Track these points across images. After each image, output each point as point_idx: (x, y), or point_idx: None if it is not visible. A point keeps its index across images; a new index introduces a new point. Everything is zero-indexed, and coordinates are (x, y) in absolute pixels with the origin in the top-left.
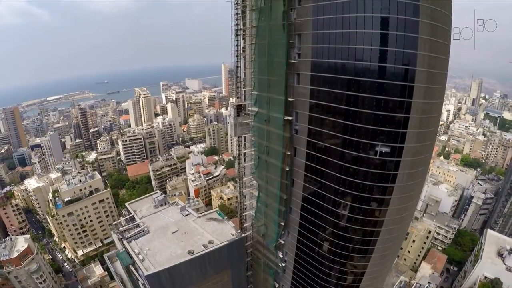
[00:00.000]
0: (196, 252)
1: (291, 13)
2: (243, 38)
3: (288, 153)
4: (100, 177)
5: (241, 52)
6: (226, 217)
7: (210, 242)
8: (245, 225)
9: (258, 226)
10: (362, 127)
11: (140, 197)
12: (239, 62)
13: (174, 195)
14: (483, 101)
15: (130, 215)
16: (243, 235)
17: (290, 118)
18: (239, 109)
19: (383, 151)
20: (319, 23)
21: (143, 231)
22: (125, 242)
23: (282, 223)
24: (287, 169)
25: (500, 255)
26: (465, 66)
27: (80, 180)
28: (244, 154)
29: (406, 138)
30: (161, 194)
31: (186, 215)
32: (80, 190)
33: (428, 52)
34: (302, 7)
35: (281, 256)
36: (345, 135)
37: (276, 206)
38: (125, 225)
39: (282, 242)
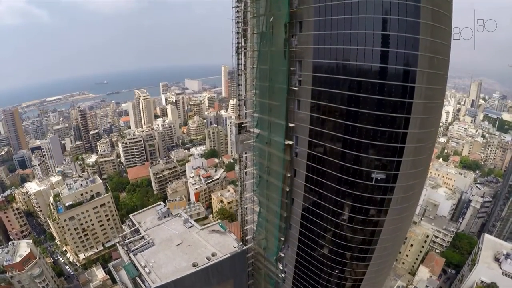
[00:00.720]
0: (200, 265)
1: (292, 39)
2: (244, 55)
3: (289, 175)
4: (101, 181)
5: (242, 69)
6: (228, 229)
7: (213, 255)
8: (246, 237)
9: (259, 240)
10: (360, 156)
11: (144, 209)
12: (240, 81)
13: (175, 199)
14: (483, 101)
15: (135, 227)
16: (244, 247)
17: (290, 142)
18: (240, 127)
19: (379, 178)
20: (320, 52)
21: (148, 243)
22: (131, 254)
23: (282, 238)
24: (287, 189)
25: (496, 259)
26: (464, 66)
27: (81, 185)
28: (245, 172)
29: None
30: (164, 206)
31: (189, 227)
32: (82, 194)
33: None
34: (303, 34)
35: (281, 267)
36: (343, 161)
37: (276, 222)
38: (130, 237)
39: (282, 255)
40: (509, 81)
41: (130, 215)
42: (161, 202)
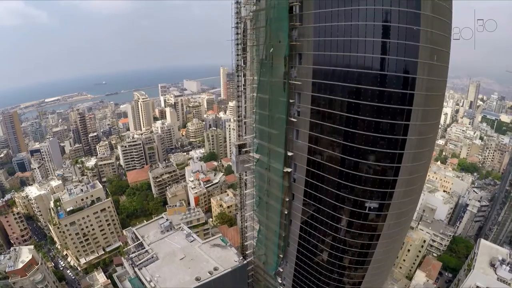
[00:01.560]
0: (203, 279)
1: (291, 71)
2: (243, 75)
3: (287, 199)
4: (101, 186)
5: (242, 89)
6: (229, 243)
7: (215, 269)
8: (246, 252)
9: (259, 254)
10: (355, 187)
11: (146, 222)
12: (240, 102)
13: (175, 205)
14: (481, 102)
15: (139, 242)
16: (245, 261)
17: (289, 170)
18: (241, 148)
19: (372, 207)
20: (319, 86)
21: (152, 257)
22: (136, 269)
23: (281, 255)
24: (286, 212)
25: (492, 265)
26: (463, 65)
27: (82, 190)
28: (245, 185)
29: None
30: (166, 219)
31: (192, 241)
32: (82, 199)
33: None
34: (302, 66)
35: (280, 281)
36: (339, 191)
37: (275, 241)
38: (135, 251)
39: (281, 270)
40: (507, 81)
41: (133, 229)
42: (163, 215)
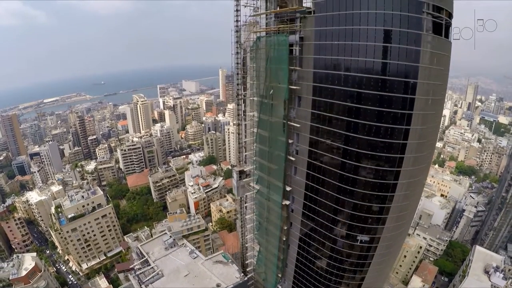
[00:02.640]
0: None
1: (291, 111)
2: (243, 102)
3: (285, 228)
4: (101, 192)
5: (242, 115)
6: (230, 260)
7: (218, 285)
8: (247, 269)
9: (259, 272)
10: (348, 223)
11: (150, 239)
12: (240, 130)
13: (176, 212)
14: (479, 103)
15: (144, 258)
16: (246, 278)
17: (287, 202)
18: (241, 173)
19: (363, 240)
20: (317, 130)
21: (158, 274)
22: (143, 286)
23: (280, 275)
24: (284, 238)
25: (486, 272)
26: (462, 65)
27: (83, 196)
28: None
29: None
30: (170, 236)
31: (195, 257)
32: (83, 206)
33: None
34: (301, 109)
35: None
36: (334, 225)
37: (274, 261)
38: (141, 267)
39: (280, 287)
40: (506, 80)
41: (139, 245)
42: (167, 232)
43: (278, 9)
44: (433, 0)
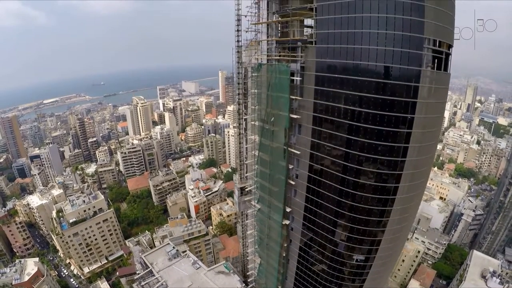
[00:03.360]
0: None
1: (291, 138)
2: (245, 120)
3: (285, 245)
4: (102, 197)
5: (243, 132)
6: (232, 270)
7: None
8: (249, 280)
9: (260, 283)
10: (344, 244)
11: (154, 249)
12: (242, 148)
13: (176, 217)
14: (479, 104)
15: (149, 269)
16: None
17: (287, 222)
18: (242, 190)
19: (359, 259)
20: (316, 157)
21: (162, 284)
22: None
23: (280, 287)
24: (284, 254)
25: (483, 276)
26: (461, 64)
27: (84, 201)
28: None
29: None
30: (173, 247)
31: (198, 268)
32: (84, 211)
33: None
34: (302, 136)
35: None
36: (331, 245)
37: (275, 274)
38: (146, 278)
39: None
40: (505, 80)
41: (142, 256)
42: (169, 242)
43: (279, 36)
44: (435, 35)
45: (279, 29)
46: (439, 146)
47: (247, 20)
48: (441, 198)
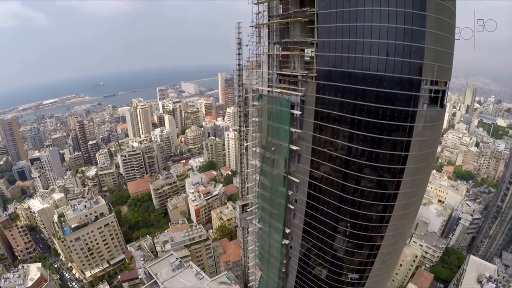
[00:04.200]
0: None
1: (291, 166)
2: (246, 139)
3: (285, 261)
4: (104, 202)
5: (244, 151)
6: (234, 281)
7: None
8: None
9: None
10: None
11: (157, 260)
12: (243, 168)
13: (178, 222)
14: (478, 105)
15: (153, 280)
16: None
17: (286, 242)
18: (244, 207)
19: (353, 278)
20: (314, 186)
21: None
22: None
23: None
24: (283, 270)
25: (479, 282)
26: (460, 65)
27: (85, 206)
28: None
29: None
30: (176, 258)
31: (200, 279)
32: (86, 216)
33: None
34: (301, 166)
35: None
36: (327, 265)
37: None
38: None
39: None
40: (504, 80)
41: (147, 266)
42: (173, 253)
43: (280, 66)
44: (433, 76)
45: (281, 63)
46: (438, 148)
47: (248, 49)
48: (439, 201)
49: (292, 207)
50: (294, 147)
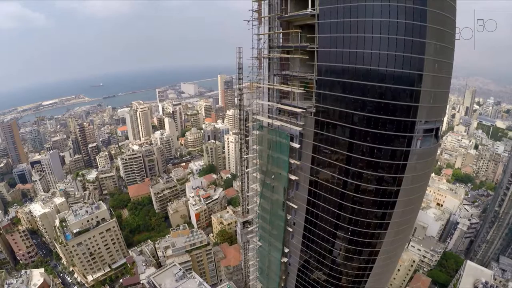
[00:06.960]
0: None
1: (290, 193)
2: (246, 162)
3: (284, 277)
4: (105, 207)
5: (245, 171)
6: None
7: None
8: None
9: None
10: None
11: (161, 270)
12: (244, 185)
13: (178, 227)
14: (477, 107)
15: None
16: None
17: (285, 260)
18: (245, 223)
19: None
20: (311, 211)
21: None
22: None
23: None
24: (283, 284)
25: (475, 287)
26: (460, 64)
27: (87, 211)
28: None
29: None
30: (179, 269)
31: None
32: (88, 221)
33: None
34: (299, 193)
35: None
36: (323, 283)
37: None
38: None
39: None
40: (503, 80)
41: (151, 277)
42: (176, 263)
43: (280, 98)
44: (428, 116)
45: (280, 96)
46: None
47: (247, 77)
48: (438, 204)
49: (290, 229)
50: (293, 177)
